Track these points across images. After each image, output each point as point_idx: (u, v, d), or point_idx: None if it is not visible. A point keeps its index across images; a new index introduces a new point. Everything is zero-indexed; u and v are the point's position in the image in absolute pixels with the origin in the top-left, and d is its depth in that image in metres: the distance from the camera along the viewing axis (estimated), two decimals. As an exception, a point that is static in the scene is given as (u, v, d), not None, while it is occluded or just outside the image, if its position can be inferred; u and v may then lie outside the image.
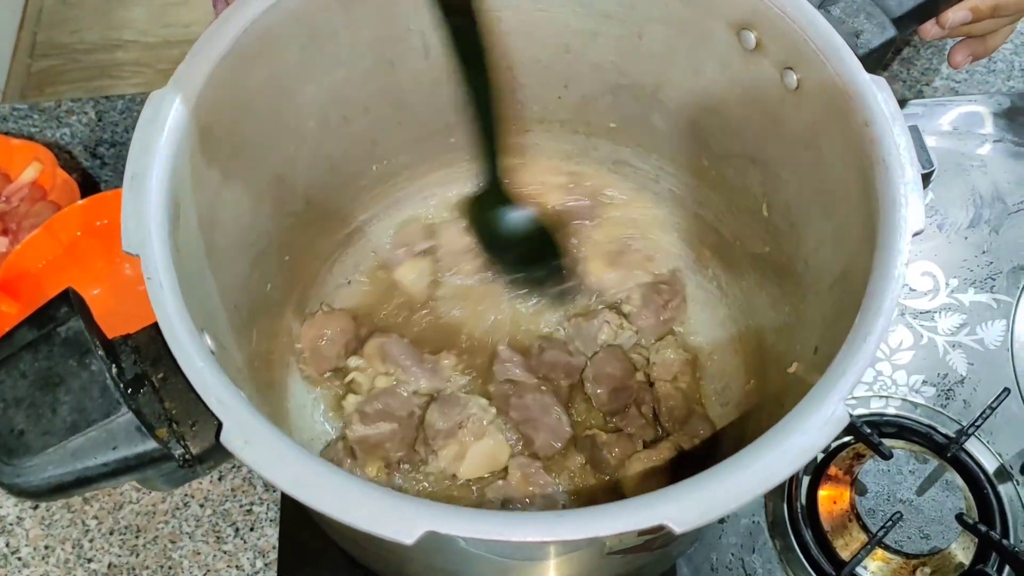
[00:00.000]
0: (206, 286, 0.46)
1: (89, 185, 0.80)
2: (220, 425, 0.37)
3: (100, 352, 0.38)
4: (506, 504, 0.59)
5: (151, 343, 0.40)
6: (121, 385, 0.38)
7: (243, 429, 0.37)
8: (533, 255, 0.68)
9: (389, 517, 0.34)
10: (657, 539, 0.46)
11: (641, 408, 0.63)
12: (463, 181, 0.69)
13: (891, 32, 0.56)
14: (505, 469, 0.61)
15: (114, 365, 0.39)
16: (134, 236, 0.40)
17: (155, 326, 0.39)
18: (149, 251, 0.40)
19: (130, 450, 0.37)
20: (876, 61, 0.56)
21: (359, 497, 0.35)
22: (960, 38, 0.74)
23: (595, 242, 0.70)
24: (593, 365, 0.64)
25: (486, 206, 0.65)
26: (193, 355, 0.38)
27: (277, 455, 0.36)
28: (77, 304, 0.39)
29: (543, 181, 0.71)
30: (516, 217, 0.65)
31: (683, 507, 0.35)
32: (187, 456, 0.39)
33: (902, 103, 0.82)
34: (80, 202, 0.71)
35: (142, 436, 0.37)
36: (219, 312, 0.48)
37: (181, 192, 0.44)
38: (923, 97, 0.84)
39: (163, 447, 0.38)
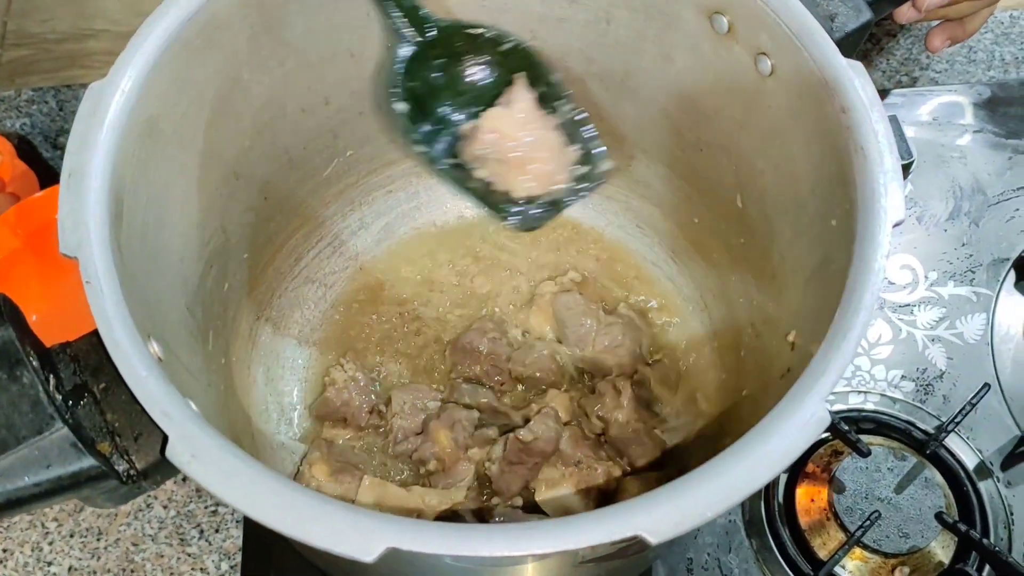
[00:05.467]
0: (153, 289, 0.43)
1: (50, 176, 0.77)
2: (166, 438, 0.34)
3: (33, 363, 0.35)
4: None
5: (92, 351, 0.38)
6: (58, 397, 0.36)
7: (190, 442, 0.35)
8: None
9: (347, 534, 0.33)
10: (631, 547, 0.45)
11: None
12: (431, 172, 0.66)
13: (867, 15, 0.54)
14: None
15: (51, 376, 0.36)
16: (71, 237, 0.38)
17: (96, 332, 0.37)
18: (88, 253, 0.38)
19: (64, 468, 0.34)
20: (852, 45, 0.55)
21: (315, 513, 0.33)
22: (938, 21, 0.73)
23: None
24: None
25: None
26: (136, 364, 0.36)
27: (226, 469, 0.34)
28: (8, 311, 0.36)
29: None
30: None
31: (658, 517, 0.34)
32: (131, 472, 0.37)
33: (882, 93, 0.81)
34: (39, 194, 0.68)
35: (78, 453, 0.34)
36: (169, 316, 0.46)
37: (124, 189, 0.41)
38: (903, 87, 0.83)
39: (104, 463, 0.36)
